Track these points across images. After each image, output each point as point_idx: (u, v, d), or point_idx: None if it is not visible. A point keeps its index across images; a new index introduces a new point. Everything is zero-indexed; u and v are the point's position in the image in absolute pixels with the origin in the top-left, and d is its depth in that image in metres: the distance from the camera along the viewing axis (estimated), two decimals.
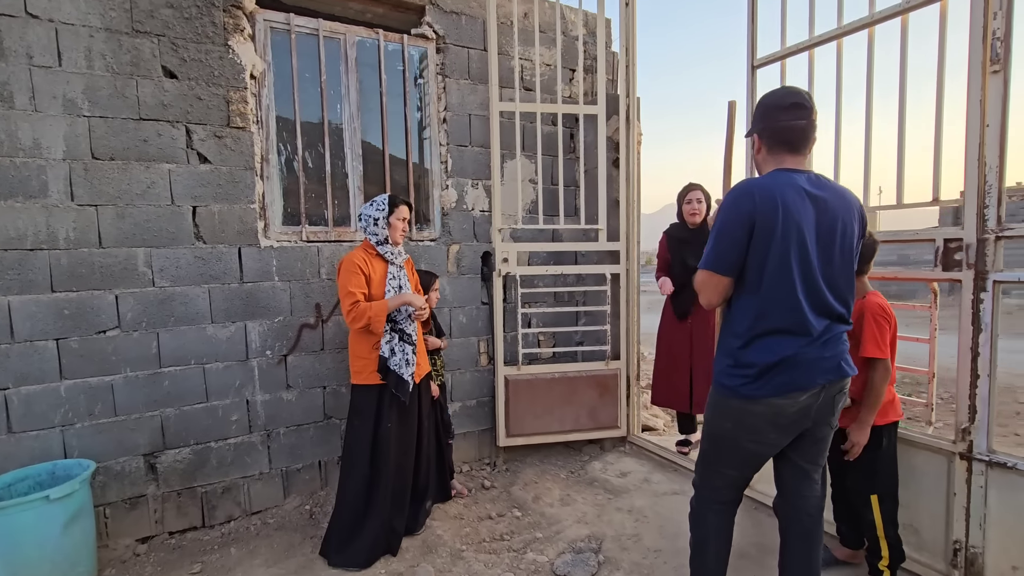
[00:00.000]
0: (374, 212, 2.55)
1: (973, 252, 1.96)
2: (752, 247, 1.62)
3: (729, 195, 1.68)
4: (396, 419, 2.59)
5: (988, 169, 1.91)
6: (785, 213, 1.58)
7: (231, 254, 2.87)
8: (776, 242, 1.59)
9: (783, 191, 1.60)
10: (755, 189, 1.62)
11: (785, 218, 1.58)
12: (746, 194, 1.62)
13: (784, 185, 1.62)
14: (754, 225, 1.60)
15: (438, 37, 3.41)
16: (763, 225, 1.59)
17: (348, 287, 2.48)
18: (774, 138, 1.71)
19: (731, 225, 1.63)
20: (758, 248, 1.61)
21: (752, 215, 1.59)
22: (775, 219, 1.58)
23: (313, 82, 3.13)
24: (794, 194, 1.61)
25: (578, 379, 3.59)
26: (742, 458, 1.78)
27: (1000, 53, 1.87)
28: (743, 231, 1.61)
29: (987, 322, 1.95)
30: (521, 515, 2.97)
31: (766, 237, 1.59)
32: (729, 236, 1.64)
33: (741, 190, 1.65)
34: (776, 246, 1.59)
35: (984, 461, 1.98)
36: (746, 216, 1.60)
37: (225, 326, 2.87)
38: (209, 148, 2.79)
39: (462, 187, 3.53)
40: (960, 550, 2.05)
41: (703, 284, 1.72)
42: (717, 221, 1.69)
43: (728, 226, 1.64)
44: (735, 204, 1.64)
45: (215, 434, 2.87)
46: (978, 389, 1.99)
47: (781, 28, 2.65)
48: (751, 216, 1.60)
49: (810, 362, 1.63)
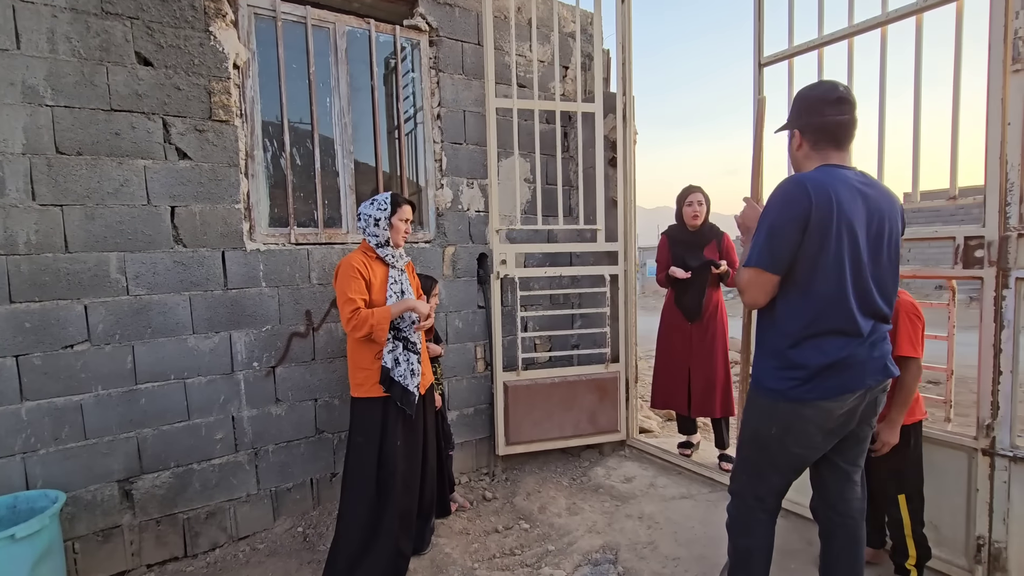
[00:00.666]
0: (375, 212, 2.39)
1: (995, 249, 1.98)
2: (805, 244, 1.56)
3: (780, 190, 1.61)
4: (402, 434, 2.43)
5: (1010, 167, 1.93)
6: (839, 210, 1.53)
7: (214, 258, 2.64)
8: (831, 240, 1.54)
9: (836, 187, 1.55)
10: (809, 184, 1.55)
11: (839, 215, 1.53)
12: (800, 189, 1.56)
13: (837, 181, 1.57)
14: (808, 222, 1.54)
15: (431, 29, 3.27)
16: (818, 222, 1.53)
17: (348, 293, 2.31)
18: (819, 133, 1.66)
19: (785, 221, 1.56)
20: (812, 245, 1.55)
21: (808, 211, 1.53)
22: (831, 216, 1.53)
23: (301, 74, 2.92)
24: (846, 191, 1.56)
25: (578, 383, 3.50)
26: (788, 463, 1.73)
27: (1022, 51, 1.89)
28: (797, 227, 1.55)
29: (1010, 319, 1.96)
30: (529, 527, 2.85)
31: (822, 234, 1.54)
32: (783, 233, 1.57)
33: (795, 185, 1.58)
34: (831, 244, 1.54)
35: (1008, 456, 2.00)
36: (802, 212, 1.54)
37: (208, 337, 2.64)
38: (189, 143, 2.56)
39: (457, 186, 3.39)
40: (984, 546, 2.06)
41: (751, 283, 1.64)
42: (768, 217, 1.61)
43: (782, 222, 1.57)
44: (789, 199, 1.57)
45: (198, 455, 2.63)
46: (1000, 385, 2.00)
47: (789, 26, 2.64)
48: (807, 212, 1.53)
49: (861, 363, 1.59)
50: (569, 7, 3.77)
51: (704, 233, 3.36)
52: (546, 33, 3.66)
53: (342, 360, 2.98)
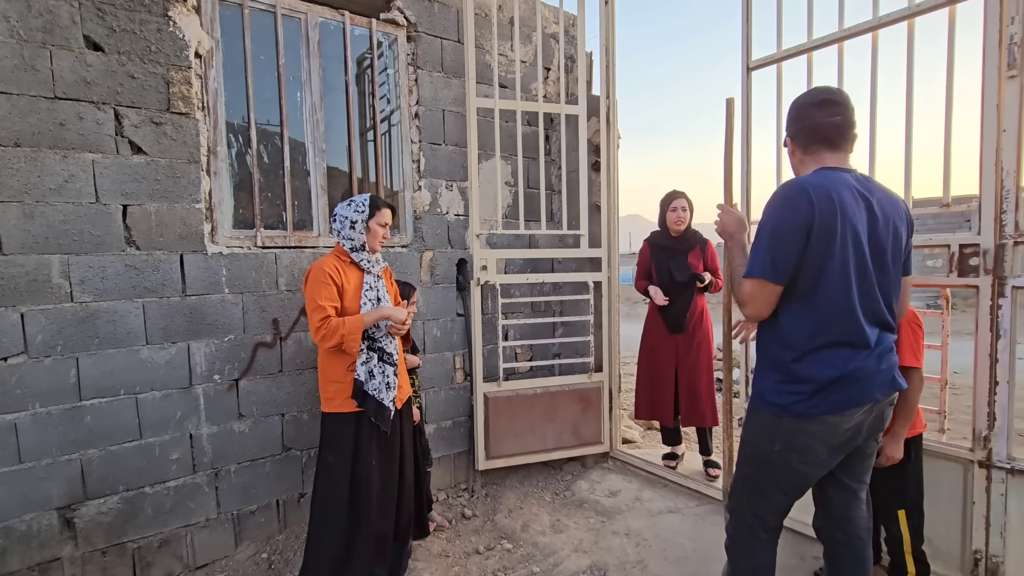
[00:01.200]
0: (352, 213, 2.22)
1: (991, 257, 1.95)
2: (808, 251, 1.48)
3: (779, 195, 1.54)
4: (377, 452, 2.26)
5: (1006, 174, 1.90)
6: (843, 214, 1.46)
7: (171, 262, 2.43)
8: (836, 246, 1.46)
9: (838, 190, 1.48)
10: (810, 188, 1.48)
11: (843, 220, 1.46)
12: (802, 193, 1.48)
13: (838, 184, 1.49)
14: (812, 227, 1.46)
15: (409, 24, 3.12)
16: (822, 227, 1.45)
17: (317, 299, 2.14)
18: (810, 136, 1.61)
19: (788, 228, 1.48)
20: (815, 252, 1.47)
21: (811, 217, 1.45)
22: (835, 221, 1.45)
23: (269, 66, 2.74)
24: (848, 194, 1.49)
25: (560, 393, 3.38)
26: (791, 481, 1.63)
27: (1017, 58, 1.87)
28: (800, 234, 1.47)
29: (1006, 328, 1.93)
30: (512, 547, 2.71)
31: (826, 241, 1.46)
32: (786, 240, 1.48)
33: (795, 188, 1.50)
34: (836, 250, 1.46)
35: (1005, 468, 1.96)
36: (805, 218, 1.46)
37: (164, 347, 2.42)
38: (144, 136, 2.35)
39: (436, 189, 3.24)
40: (981, 560, 2.02)
41: (754, 295, 1.55)
42: (767, 223, 1.53)
43: (784, 229, 1.49)
44: (790, 204, 1.49)
45: (150, 477, 2.40)
46: (997, 396, 1.97)
47: (777, 30, 2.60)
48: (809, 218, 1.45)
49: (869, 376, 1.51)
50: (552, 8, 3.69)
51: (687, 239, 3.29)
52: (528, 33, 3.56)
53: (312, 372, 2.79)
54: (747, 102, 2.69)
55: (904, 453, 1.91)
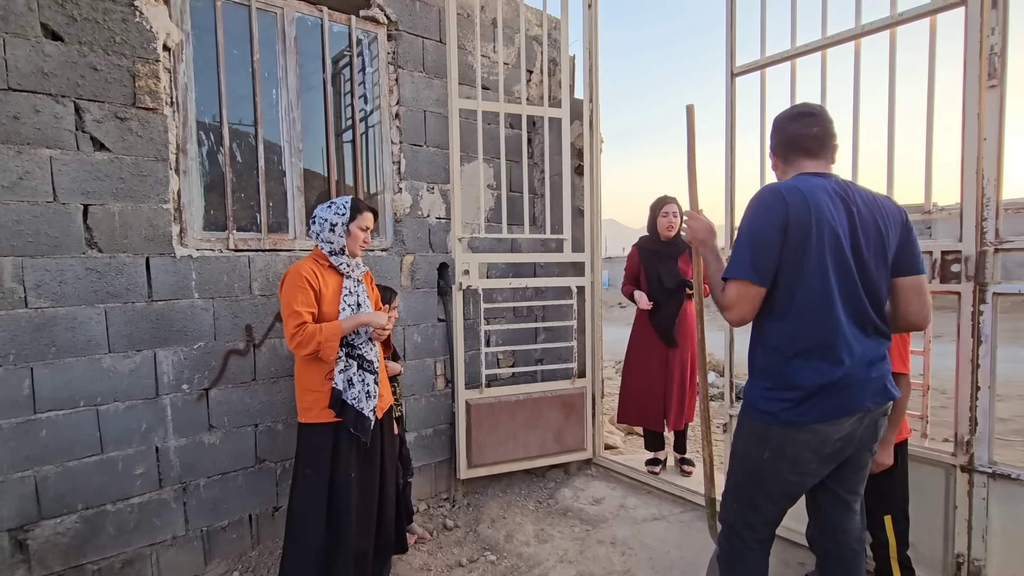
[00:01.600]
0: (332, 216, 2.13)
1: (973, 264, 1.97)
2: (785, 252, 1.47)
3: (755, 199, 1.55)
4: (357, 465, 2.17)
5: (986, 182, 1.93)
6: (818, 215, 1.45)
7: (136, 265, 2.30)
8: (812, 247, 1.45)
9: (813, 193, 1.48)
10: (784, 190, 1.49)
11: (819, 221, 1.45)
12: (775, 195, 1.49)
13: (813, 187, 1.50)
14: (787, 226, 1.45)
15: (390, 22, 3.05)
16: (797, 228, 1.45)
17: (293, 305, 2.04)
18: (787, 148, 1.64)
19: (764, 228, 1.48)
20: (792, 254, 1.47)
21: (785, 216, 1.45)
22: (809, 222, 1.45)
23: (243, 62, 2.63)
24: (824, 196, 1.49)
25: (543, 400, 3.33)
26: (781, 491, 1.61)
27: (997, 68, 1.90)
28: (777, 235, 1.46)
29: (987, 334, 1.96)
30: (496, 559, 2.64)
31: (801, 242, 1.45)
32: (764, 241, 1.47)
33: (769, 191, 1.52)
34: (812, 249, 1.45)
35: (986, 473, 1.98)
36: (779, 217, 1.46)
37: (128, 356, 2.28)
38: (108, 132, 2.22)
39: (417, 191, 3.16)
40: (963, 564, 2.04)
41: (739, 298, 1.52)
42: (745, 226, 1.52)
43: (761, 230, 1.48)
44: (766, 206, 1.49)
45: (113, 494, 2.26)
46: (979, 401, 1.99)
47: (761, 36, 2.60)
48: (784, 217, 1.46)
49: (859, 383, 1.50)
50: (535, 11, 3.65)
51: (677, 244, 3.30)
52: (511, 35, 3.51)
53: (287, 380, 2.68)
54: (731, 107, 2.70)
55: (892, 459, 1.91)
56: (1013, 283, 1.93)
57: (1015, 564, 1.95)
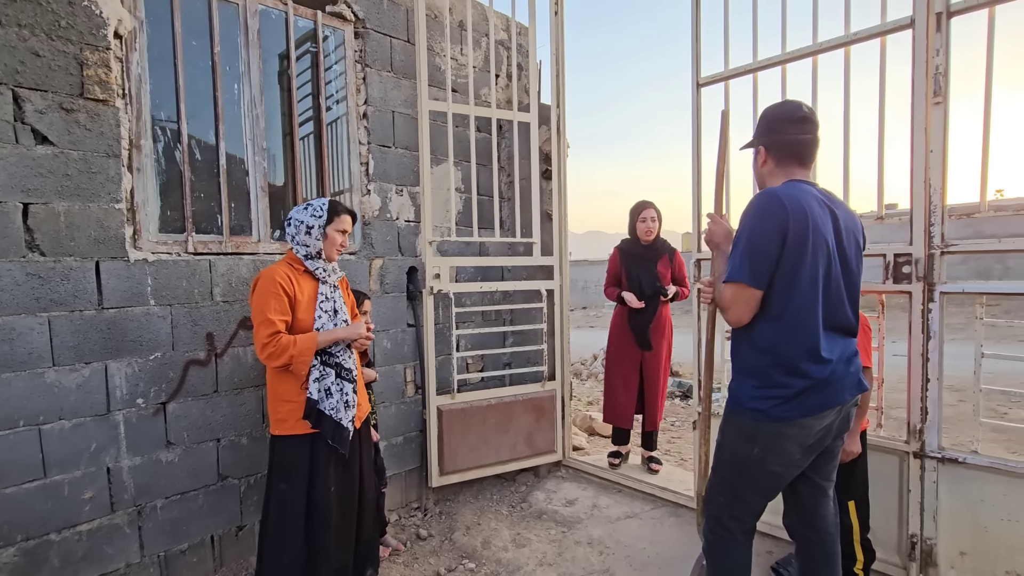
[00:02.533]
0: (308, 218, 2.05)
1: (922, 266, 2.14)
2: (782, 258, 1.54)
3: (755, 204, 1.60)
4: (335, 478, 2.08)
5: (933, 190, 2.11)
6: (814, 225, 1.54)
7: (84, 270, 2.11)
8: (808, 253, 1.53)
9: (808, 201, 1.56)
10: (784, 197, 1.55)
11: (814, 230, 1.54)
12: (776, 202, 1.55)
13: (807, 196, 1.58)
14: (787, 234, 1.52)
15: (357, 20, 2.96)
16: (795, 235, 1.52)
17: (266, 312, 1.94)
18: (784, 151, 1.69)
19: (765, 234, 1.54)
20: (789, 260, 1.54)
21: (785, 224, 1.52)
22: (807, 230, 1.53)
23: (203, 54, 2.48)
24: (816, 205, 1.58)
25: (515, 403, 3.33)
26: (768, 484, 1.69)
27: (941, 86, 2.07)
28: (777, 240, 1.53)
29: (936, 330, 2.13)
30: (475, 566, 2.60)
31: (798, 248, 1.53)
32: (764, 246, 1.54)
33: (769, 198, 1.57)
34: (808, 257, 1.53)
35: (936, 458, 2.15)
36: (780, 224, 1.52)
37: (75, 369, 2.09)
38: (51, 124, 2.03)
39: (385, 193, 3.09)
40: (917, 543, 2.20)
41: (735, 299, 1.59)
42: (746, 230, 1.59)
43: (762, 235, 1.54)
44: (767, 212, 1.55)
45: (57, 522, 2.06)
46: (929, 392, 2.16)
47: (724, 50, 2.73)
48: (784, 224, 1.52)
49: (840, 379, 1.60)
50: (502, 15, 3.66)
51: (656, 248, 3.40)
52: (478, 38, 3.50)
53: (252, 391, 2.54)
54: (697, 116, 2.81)
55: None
56: (958, 283, 2.11)
57: (961, 540, 2.13)
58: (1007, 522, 2.03)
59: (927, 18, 2.09)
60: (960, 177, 2.20)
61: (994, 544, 2.06)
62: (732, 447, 1.71)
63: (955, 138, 2.09)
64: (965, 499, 2.11)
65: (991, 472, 2.06)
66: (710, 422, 2.01)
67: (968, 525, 2.11)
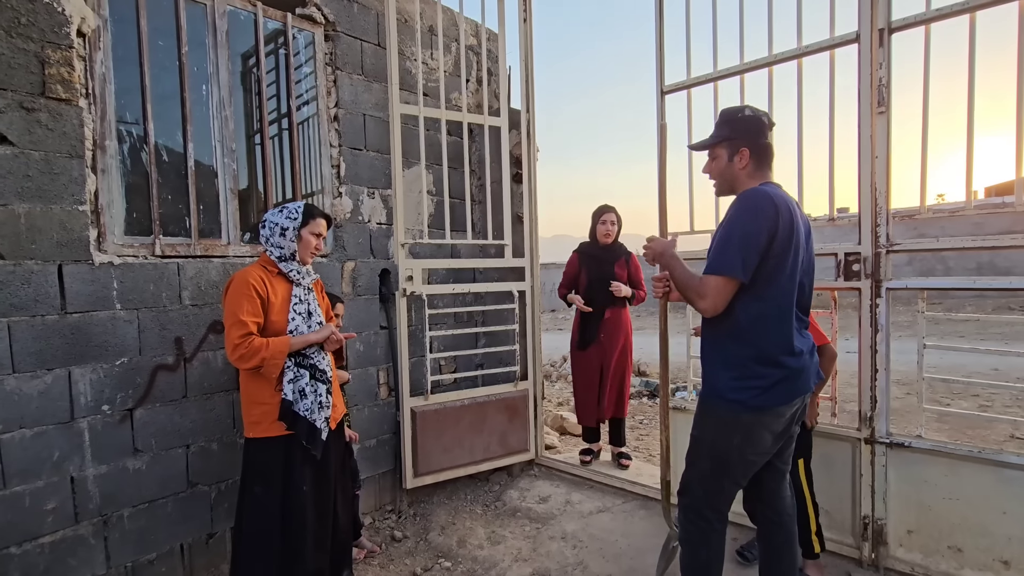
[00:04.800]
0: (283, 220, 2.05)
1: (870, 264, 2.29)
2: (769, 255, 1.62)
3: (747, 200, 1.66)
4: (312, 479, 2.08)
5: (879, 194, 2.26)
6: (795, 225, 1.64)
7: (47, 274, 2.05)
8: (791, 251, 1.63)
9: (789, 203, 1.67)
10: (775, 198, 1.63)
11: (795, 230, 1.64)
12: (769, 202, 1.62)
13: (786, 198, 1.69)
14: (776, 232, 1.60)
15: (327, 22, 2.97)
16: (782, 235, 1.61)
17: (239, 314, 1.93)
18: (764, 154, 1.78)
19: (757, 229, 1.60)
20: (773, 259, 1.62)
21: (775, 223, 1.60)
22: (791, 232, 1.63)
23: (170, 55, 2.44)
24: (794, 206, 1.69)
25: (488, 404, 3.37)
26: (744, 471, 1.77)
27: (885, 97, 2.23)
28: (766, 237, 1.60)
29: (883, 323, 2.28)
30: (452, 565, 2.63)
31: (784, 246, 1.62)
32: (755, 241, 1.60)
33: (763, 197, 1.63)
34: (790, 255, 1.63)
35: (885, 443, 2.30)
36: (771, 222, 1.60)
37: (36, 376, 2.03)
38: (11, 123, 1.97)
39: (357, 196, 3.09)
40: (869, 524, 2.34)
41: (718, 289, 1.65)
42: (738, 226, 1.64)
43: (753, 230, 1.61)
44: (760, 209, 1.62)
45: (17, 535, 1.99)
46: (877, 381, 2.31)
47: (687, 59, 2.85)
48: (775, 224, 1.60)
49: (807, 369, 1.71)
50: (472, 22, 3.71)
51: (614, 250, 3.51)
52: (448, 43, 3.54)
53: (222, 396, 2.50)
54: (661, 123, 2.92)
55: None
56: (902, 279, 2.27)
57: (909, 519, 2.28)
58: (948, 500, 2.19)
59: (871, 33, 2.25)
60: (908, 182, 2.35)
61: (937, 521, 2.22)
62: (711, 439, 1.77)
63: (906, 145, 2.25)
64: (911, 481, 2.27)
65: (934, 455, 2.22)
66: (668, 407, 2.11)
67: (914, 505, 2.27)
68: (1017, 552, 2.06)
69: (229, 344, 1.93)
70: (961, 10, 2.08)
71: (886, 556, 2.32)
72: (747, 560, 2.46)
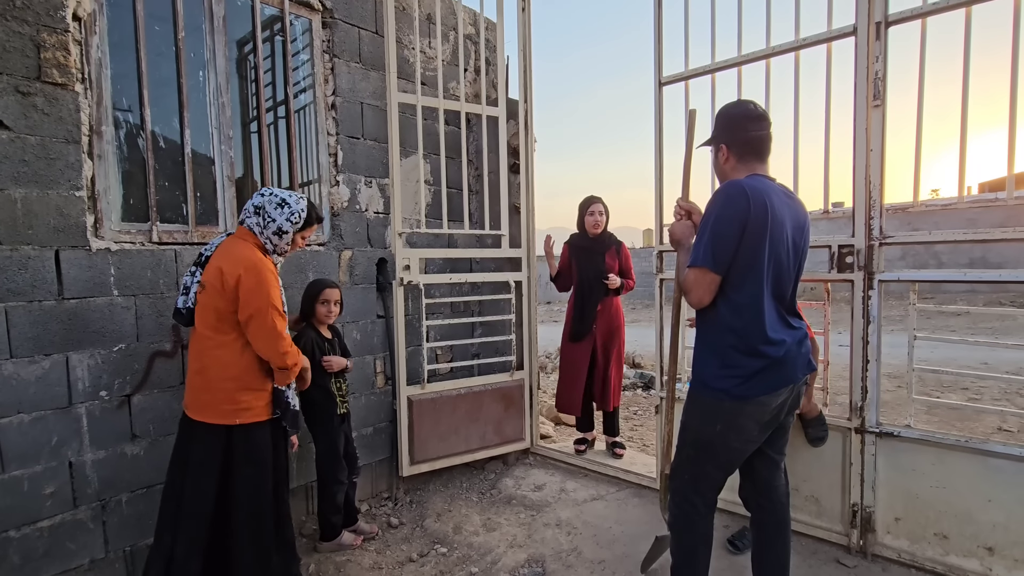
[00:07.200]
0: (283, 222, 2.04)
1: (863, 256, 2.32)
2: (742, 245, 1.65)
3: (721, 193, 1.70)
4: (284, 459, 2.20)
5: (873, 187, 2.28)
6: (773, 215, 1.66)
7: (44, 259, 2.05)
8: (765, 241, 1.65)
9: (769, 194, 1.68)
10: (748, 188, 1.65)
11: (773, 220, 1.65)
12: (740, 193, 1.65)
13: (769, 189, 1.70)
14: (747, 222, 1.63)
15: (325, 9, 2.95)
16: (755, 225, 1.63)
17: (278, 305, 2.00)
18: (745, 147, 1.79)
19: (727, 222, 1.64)
20: (748, 247, 1.65)
21: (746, 212, 1.63)
22: (766, 220, 1.64)
23: (166, 40, 2.43)
24: (777, 198, 1.70)
25: (484, 393, 3.39)
26: (729, 459, 1.81)
27: (881, 90, 2.25)
28: (738, 229, 1.63)
29: (875, 315, 2.31)
30: (447, 550, 2.66)
31: (758, 237, 1.64)
32: (726, 234, 1.64)
33: (735, 188, 1.67)
34: (765, 245, 1.65)
35: (875, 433, 2.34)
36: (742, 214, 1.63)
37: (34, 361, 2.03)
38: (7, 107, 1.96)
39: (355, 184, 3.09)
40: (858, 512, 2.39)
41: (696, 282, 1.69)
42: (710, 218, 1.68)
43: (724, 223, 1.65)
44: (730, 202, 1.65)
45: (16, 518, 2.00)
46: (868, 372, 2.35)
47: (685, 51, 2.86)
48: (745, 213, 1.63)
49: (793, 359, 1.73)
50: (470, 10, 3.69)
51: (604, 241, 3.52)
52: (446, 32, 3.53)
53: None
54: (659, 114, 2.93)
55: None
56: (894, 272, 2.29)
57: (896, 507, 2.33)
58: (935, 489, 2.23)
59: (868, 27, 2.26)
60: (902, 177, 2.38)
61: (924, 509, 2.26)
62: (696, 426, 1.82)
63: (900, 140, 2.27)
64: (900, 469, 2.31)
65: (922, 444, 2.26)
66: (674, 404, 2.13)
67: (902, 493, 2.31)
68: (1001, 538, 2.11)
69: (277, 335, 1.96)
70: (957, 4, 2.09)
71: (874, 543, 2.36)
72: (737, 549, 2.50)
